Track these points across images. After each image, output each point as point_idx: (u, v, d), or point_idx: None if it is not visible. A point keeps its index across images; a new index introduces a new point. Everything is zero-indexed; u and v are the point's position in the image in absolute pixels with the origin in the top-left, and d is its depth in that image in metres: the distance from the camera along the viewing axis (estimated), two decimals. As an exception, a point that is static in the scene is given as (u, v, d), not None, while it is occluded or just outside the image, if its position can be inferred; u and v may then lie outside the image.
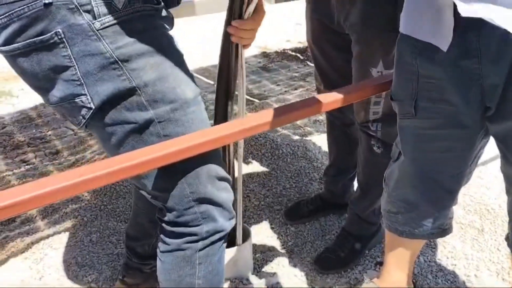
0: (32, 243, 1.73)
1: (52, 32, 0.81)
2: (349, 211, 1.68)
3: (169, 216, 1.00)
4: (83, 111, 0.88)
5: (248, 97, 3.04)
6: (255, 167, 2.20)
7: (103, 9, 0.82)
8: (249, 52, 4.05)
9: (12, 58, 0.86)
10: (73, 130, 2.70)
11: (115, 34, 0.84)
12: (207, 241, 1.02)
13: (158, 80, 0.88)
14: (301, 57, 3.88)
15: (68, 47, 0.82)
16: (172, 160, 0.87)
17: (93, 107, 0.86)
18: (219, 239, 1.05)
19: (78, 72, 0.84)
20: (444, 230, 1.26)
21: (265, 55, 3.93)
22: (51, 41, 0.82)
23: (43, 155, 2.40)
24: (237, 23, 1.06)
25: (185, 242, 1.01)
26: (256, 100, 2.98)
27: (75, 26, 0.81)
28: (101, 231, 1.80)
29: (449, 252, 1.66)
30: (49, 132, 2.67)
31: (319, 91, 1.66)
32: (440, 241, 1.69)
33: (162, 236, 1.04)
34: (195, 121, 0.95)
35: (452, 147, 1.09)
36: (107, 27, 0.83)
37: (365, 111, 1.41)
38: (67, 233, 1.79)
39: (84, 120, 0.89)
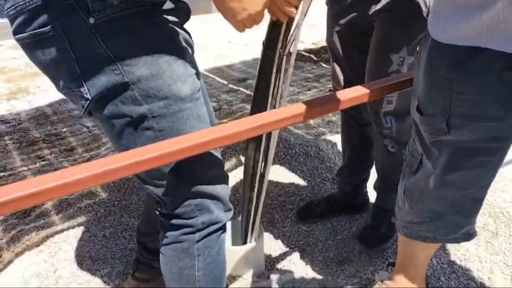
0: (47, 237, 1.76)
1: (51, 25, 0.83)
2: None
3: (164, 208, 1.02)
4: (82, 101, 0.90)
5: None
6: (267, 166, 2.21)
7: (98, 5, 0.83)
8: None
9: (25, 47, 0.90)
10: (87, 127, 2.73)
11: (110, 30, 0.84)
12: (203, 233, 1.04)
13: (152, 76, 0.89)
14: (315, 58, 3.88)
15: (66, 40, 0.84)
16: (183, 156, 0.87)
17: (90, 98, 0.89)
18: (216, 230, 1.06)
19: (76, 64, 0.86)
20: (470, 235, 1.24)
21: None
22: (51, 33, 0.84)
23: (58, 151, 2.43)
24: None
25: (181, 234, 1.03)
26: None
27: (71, 21, 0.83)
28: (114, 227, 1.82)
29: (463, 254, 1.64)
30: (64, 129, 2.70)
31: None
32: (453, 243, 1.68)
33: (161, 230, 1.07)
34: (190, 117, 0.95)
35: (488, 161, 1.05)
36: (102, 23, 0.83)
37: (379, 101, 1.42)
38: (81, 228, 1.81)
39: (84, 109, 0.91)
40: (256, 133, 1.08)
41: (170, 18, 0.94)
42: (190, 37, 1.03)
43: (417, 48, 1.10)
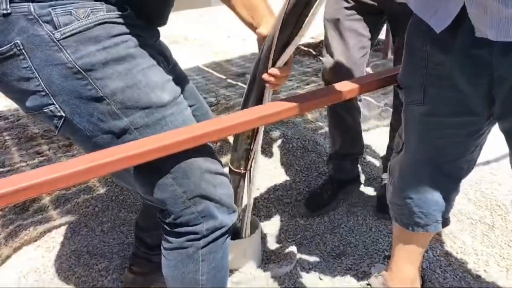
0: (45, 232, 1.76)
1: (11, 44, 0.80)
2: None
3: (168, 218, 1.00)
4: (55, 120, 0.87)
5: (259, 92, 3.04)
6: (265, 160, 2.21)
7: (64, 19, 0.81)
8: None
9: None
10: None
11: (77, 43, 0.82)
12: (208, 239, 1.02)
13: (128, 87, 0.86)
14: (314, 53, 3.86)
15: (27, 58, 0.81)
16: (168, 152, 0.86)
17: (64, 115, 0.85)
18: (221, 235, 1.04)
19: (42, 83, 0.82)
20: (446, 220, 1.25)
21: (277, 50, 3.93)
22: (11, 52, 0.80)
23: (57, 147, 2.43)
24: (276, 71, 1.01)
25: (186, 240, 1.02)
26: (267, 95, 2.98)
27: (34, 37, 0.80)
28: (112, 221, 1.82)
29: (459, 247, 1.65)
30: (63, 125, 2.70)
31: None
32: (449, 236, 1.68)
33: (164, 235, 1.05)
34: (174, 123, 0.93)
35: (457, 133, 1.08)
36: (68, 36, 0.81)
37: None
38: (79, 223, 1.82)
39: (57, 129, 0.88)
40: (252, 126, 1.09)
41: (139, 30, 0.92)
42: (167, 51, 1.02)
43: None
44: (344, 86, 1.10)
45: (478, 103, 1.00)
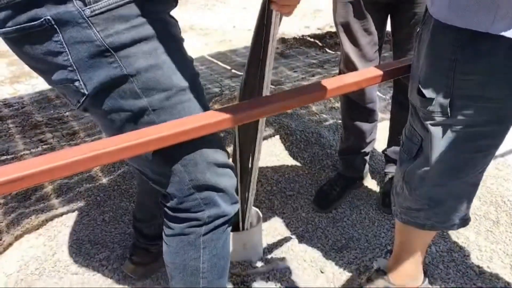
0: (46, 221, 1.77)
1: (42, 19, 0.80)
2: None
3: (171, 202, 1.00)
4: (78, 96, 0.87)
5: (264, 83, 3.02)
6: (268, 152, 2.20)
7: None
8: (267, 38, 4.01)
9: (10, 41, 0.87)
10: (90, 112, 2.72)
11: (106, 21, 0.82)
12: (210, 226, 1.02)
13: (151, 67, 0.87)
14: (320, 44, 3.83)
15: (59, 33, 0.81)
16: (176, 140, 0.86)
17: (87, 93, 0.86)
18: (223, 224, 1.05)
19: (70, 58, 0.83)
20: (466, 220, 1.24)
21: (283, 41, 3.90)
22: (43, 27, 0.81)
23: (61, 135, 2.43)
24: None
25: (188, 227, 1.02)
26: (272, 86, 2.95)
27: (65, 13, 0.80)
28: (114, 211, 1.82)
29: (463, 242, 1.63)
30: (67, 113, 2.70)
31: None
32: (453, 231, 1.66)
33: (166, 220, 1.05)
34: (191, 109, 0.93)
35: (488, 145, 1.04)
36: (97, 14, 0.81)
37: None
38: (81, 212, 1.82)
39: (79, 104, 0.89)
40: (254, 118, 1.07)
41: (161, 6, 0.92)
42: (178, 25, 1.01)
43: (417, 30, 1.07)
44: (350, 78, 1.08)
45: (510, 107, 0.96)
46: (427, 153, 1.10)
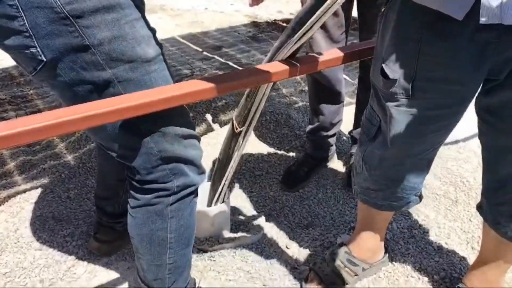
0: (9, 197, 1.72)
1: None
2: None
3: (138, 176, 1.00)
4: (34, 63, 0.84)
5: (235, 66, 3.02)
6: (237, 133, 2.20)
7: None
8: (239, 21, 3.99)
9: None
10: (55, 90, 2.65)
11: None
12: (178, 196, 1.03)
13: (115, 38, 0.84)
14: (291, 29, 3.84)
15: None
16: (144, 111, 0.86)
17: (45, 60, 0.83)
18: (190, 194, 1.05)
19: (26, 23, 0.79)
20: (419, 197, 1.28)
21: (255, 24, 3.88)
22: None
23: (24, 114, 2.37)
24: None
25: (155, 197, 1.02)
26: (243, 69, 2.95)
27: None
28: (79, 188, 1.80)
29: (422, 220, 1.69)
30: (31, 91, 2.63)
31: None
32: (414, 209, 1.72)
33: (132, 192, 1.04)
34: (157, 80, 0.92)
35: (446, 125, 1.06)
36: None
37: None
38: (45, 189, 1.78)
39: (35, 71, 0.85)
40: (223, 92, 1.07)
41: None
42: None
43: (382, 10, 1.08)
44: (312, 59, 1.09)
45: (472, 91, 0.98)
46: (386, 135, 1.11)
